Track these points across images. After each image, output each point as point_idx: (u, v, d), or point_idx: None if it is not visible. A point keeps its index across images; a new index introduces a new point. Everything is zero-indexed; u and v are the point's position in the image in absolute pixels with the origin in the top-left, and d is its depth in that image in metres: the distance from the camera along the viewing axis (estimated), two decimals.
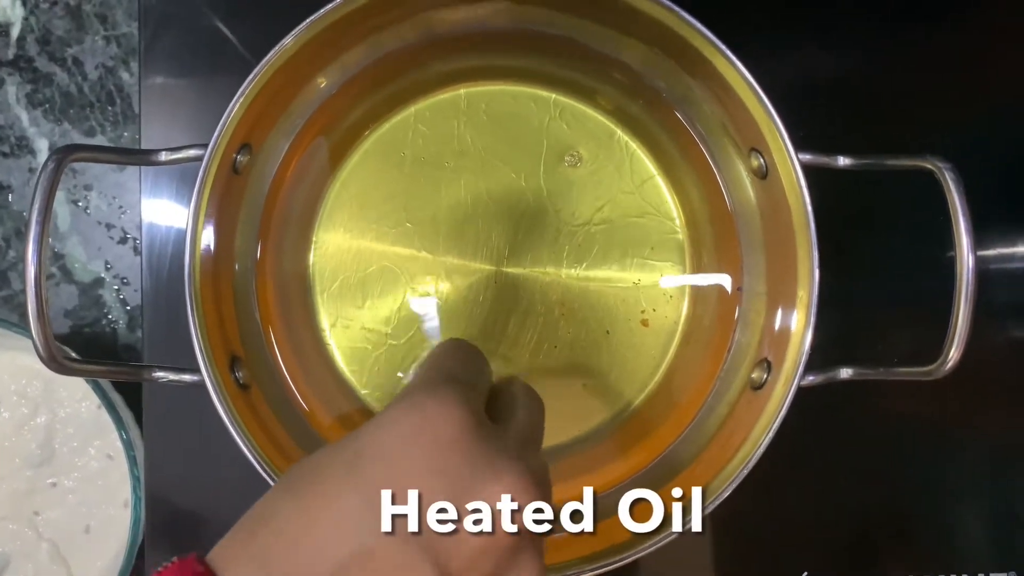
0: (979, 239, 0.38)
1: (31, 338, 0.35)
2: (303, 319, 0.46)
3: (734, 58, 0.39)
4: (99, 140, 0.53)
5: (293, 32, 0.38)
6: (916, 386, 0.41)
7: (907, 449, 0.50)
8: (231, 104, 0.38)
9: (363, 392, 0.46)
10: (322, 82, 0.45)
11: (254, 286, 0.45)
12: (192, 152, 0.39)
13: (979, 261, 0.38)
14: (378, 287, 0.46)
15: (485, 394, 0.31)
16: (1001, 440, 0.51)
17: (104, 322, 0.53)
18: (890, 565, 0.50)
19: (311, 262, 0.46)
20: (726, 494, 0.38)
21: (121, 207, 0.53)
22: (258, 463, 0.38)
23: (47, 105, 0.53)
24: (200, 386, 0.38)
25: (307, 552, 0.24)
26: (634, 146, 0.47)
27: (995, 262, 0.50)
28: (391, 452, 0.25)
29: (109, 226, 0.53)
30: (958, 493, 0.51)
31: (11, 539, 0.49)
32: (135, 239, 0.53)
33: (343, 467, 0.25)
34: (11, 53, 0.53)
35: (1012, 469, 0.51)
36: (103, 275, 0.53)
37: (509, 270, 0.46)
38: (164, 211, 0.48)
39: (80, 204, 0.53)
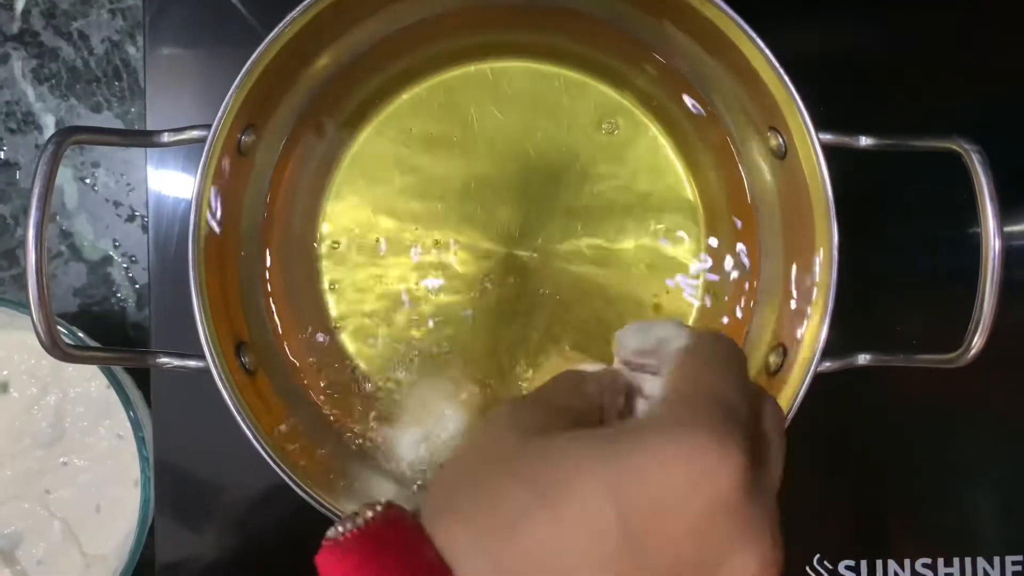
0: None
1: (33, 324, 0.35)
2: (309, 302, 0.45)
3: (752, 33, 0.37)
4: (106, 116, 0.53)
5: (301, 5, 0.37)
6: (933, 367, 0.40)
7: (921, 430, 0.49)
8: (232, 86, 0.37)
9: (372, 377, 0.45)
10: (331, 58, 0.44)
11: (260, 270, 0.44)
12: (195, 133, 0.38)
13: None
14: (387, 270, 0.45)
15: None
16: (1017, 422, 0.50)
17: (113, 301, 0.53)
18: (904, 548, 0.49)
19: (318, 243, 0.45)
20: None
21: (129, 184, 0.52)
22: (264, 450, 0.37)
23: (53, 80, 0.53)
24: (206, 372, 0.37)
25: (553, 566, 0.23)
26: (651, 127, 0.46)
27: (1016, 239, 0.49)
28: (658, 494, 0.23)
29: (117, 203, 0.52)
30: (973, 476, 0.50)
31: (23, 517, 0.49)
32: (143, 217, 0.52)
33: (600, 469, 0.23)
34: (16, 27, 0.52)
35: None
36: (111, 253, 0.53)
37: (519, 252, 0.46)
38: (171, 189, 0.48)
39: (88, 181, 0.52)
